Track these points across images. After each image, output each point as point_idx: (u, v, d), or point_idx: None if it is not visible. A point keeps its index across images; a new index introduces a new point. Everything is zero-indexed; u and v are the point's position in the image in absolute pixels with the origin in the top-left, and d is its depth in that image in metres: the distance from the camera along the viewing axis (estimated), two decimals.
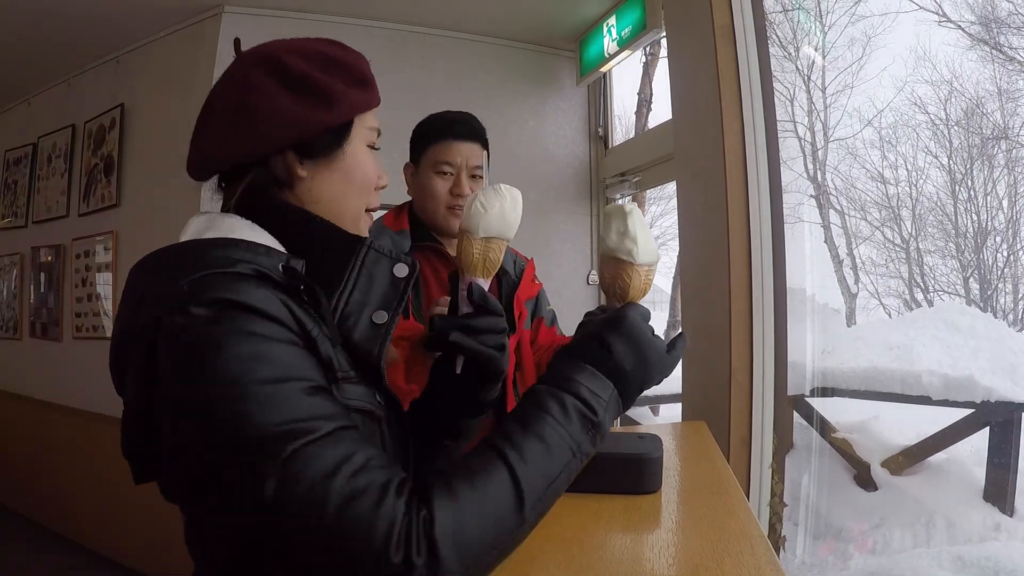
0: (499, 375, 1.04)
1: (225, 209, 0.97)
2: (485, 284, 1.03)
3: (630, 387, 0.91)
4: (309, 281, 0.87)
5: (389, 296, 0.95)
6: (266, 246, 0.89)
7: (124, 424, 0.87)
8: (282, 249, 0.92)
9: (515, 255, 2.03)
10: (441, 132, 1.85)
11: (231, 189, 0.98)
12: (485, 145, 1.88)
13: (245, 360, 0.74)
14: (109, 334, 3.56)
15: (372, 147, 1.04)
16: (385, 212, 1.91)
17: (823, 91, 6.75)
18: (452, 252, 1.80)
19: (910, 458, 3.91)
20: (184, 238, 0.92)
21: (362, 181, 1.02)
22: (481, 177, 1.85)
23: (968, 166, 6.03)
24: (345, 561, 0.68)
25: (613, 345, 0.91)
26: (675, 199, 3.21)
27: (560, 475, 0.81)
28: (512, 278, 1.96)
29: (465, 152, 1.84)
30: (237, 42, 1.01)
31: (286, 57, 0.96)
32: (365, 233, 1.04)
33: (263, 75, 0.95)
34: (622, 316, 0.94)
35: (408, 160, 1.93)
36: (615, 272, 1.04)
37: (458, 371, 1.02)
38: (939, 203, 6.25)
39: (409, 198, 1.94)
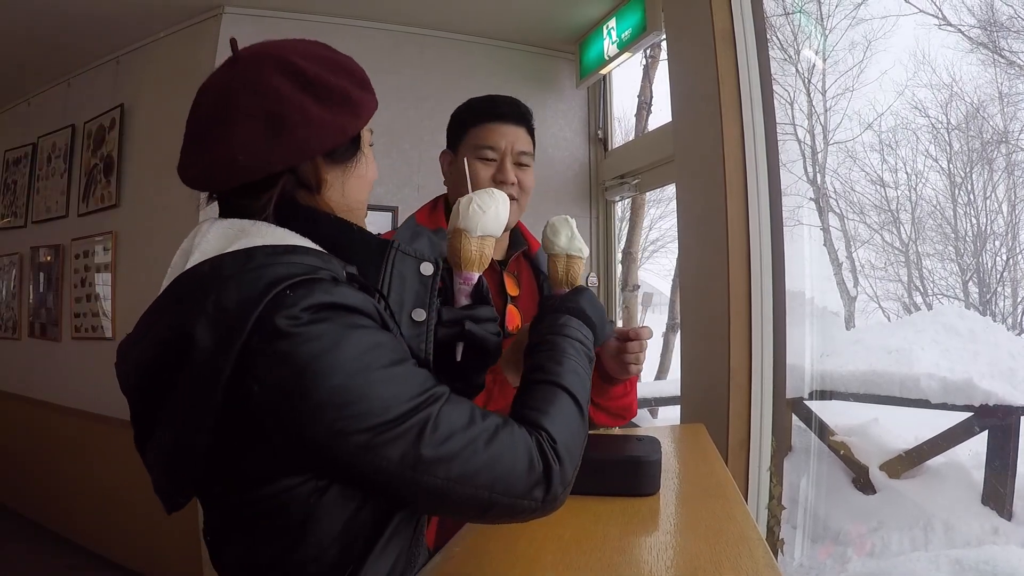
0: (496, 358, 1.12)
1: (259, 217, 0.95)
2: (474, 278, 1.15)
3: (601, 338, 1.16)
4: (371, 285, 0.95)
5: (421, 294, 1.00)
6: (327, 253, 0.93)
7: (161, 451, 0.88)
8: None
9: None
10: (482, 113, 1.69)
11: (254, 197, 0.96)
12: (531, 131, 1.75)
13: (364, 351, 0.83)
14: (108, 334, 3.53)
15: (370, 146, 1.08)
16: (419, 209, 1.76)
17: (823, 94, 6.75)
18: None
19: (908, 461, 3.91)
20: (205, 246, 0.91)
21: (371, 181, 1.07)
22: (528, 166, 1.72)
23: (968, 170, 6.04)
24: (503, 483, 0.86)
25: (586, 307, 1.15)
26: (675, 201, 3.21)
27: (588, 386, 1.05)
28: (545, 277, 1.86)
29: (510, 136, 1.68)
30: (234, 42, 1.00)
31: (300, 62, 0.96)
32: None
33: (277, 78, 0.94)
34: (585, 292, 1.20)
35: (445, 148, 1.77)
36: (567, 266, 1.33)
37: (459, 358, 1.08)
38: (939, 207, 6.26)
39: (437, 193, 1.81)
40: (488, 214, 1.13)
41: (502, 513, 0.87)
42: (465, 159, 1.50)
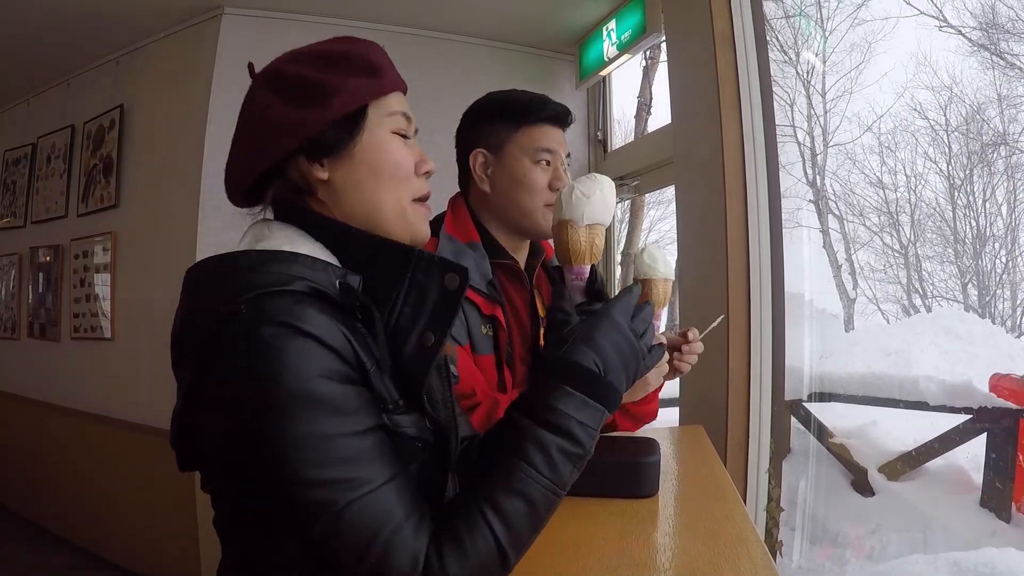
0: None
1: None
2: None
3: (618, 404, 0.91)
4: (366, 300, 0.87)
5: (440, 311, 0.89)
6: (324, 261, 0.88)
7: (174, 415, 0.88)
8: (337, 263, 0.90)
9: None
10: (538, 113, 1.56)
11: (258, 205, 0.98)
12: None
13: (298, 399, 0.76)
14: (107, 335, 3.55)
15: (401, 134, 0.99)
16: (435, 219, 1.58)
17: (823, 96, 6.75)
18: (521, 263, 1.62)
19: (907, 464, 3.91)
20: (242, 246, 0.92)
21: (392, 170, 0.97)
22: (567, 170, 1.61)
23: (967, 172, 6.04)
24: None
25: (608, 361, 0.89)
26: (674, 203, 3.21)
27: (545, 518, 0.85)
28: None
29: (562, 141, 1.60)
30: (251, 66, 0.99)
31: (282, 65, 0.95)
32: (422, 226, 1.01)
33: (260, 88, 0.95)
34: (612, 322, 0.92)
35: (477, 148, 1.60)
36: (665, 289, 1.26)
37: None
38: (938, 209, 6.26)
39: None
40: (593, 199, 1.05)
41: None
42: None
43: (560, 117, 1.59)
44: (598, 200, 1.06)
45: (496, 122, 1.58)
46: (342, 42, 0.98)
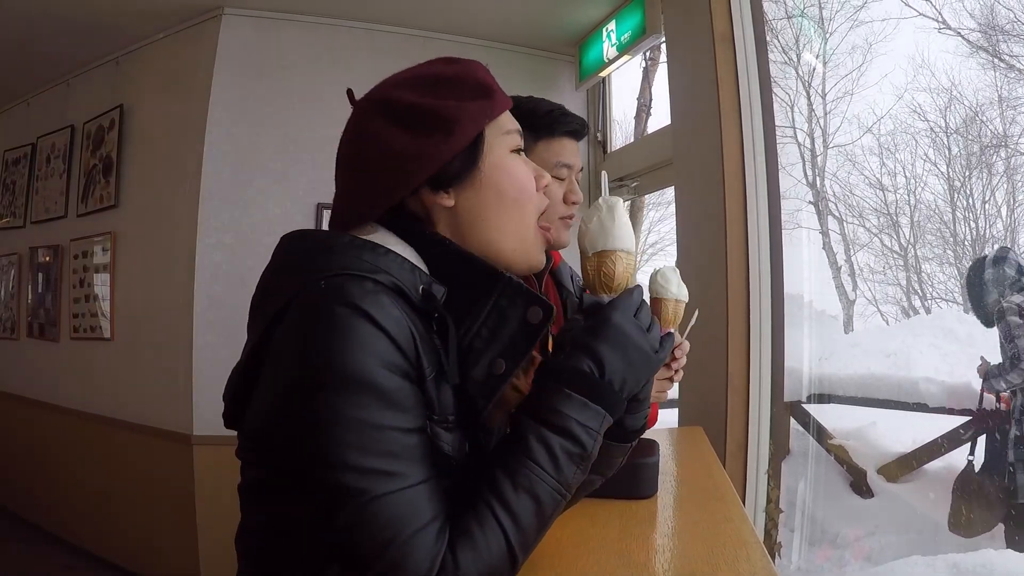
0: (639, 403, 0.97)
1: None
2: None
3: (620, 406, 0.88)
4: (444, 311, 0.85)
5: (517, 342, 0.88)
6: (412, 263, 0.87)
7: (234, 370, 0.89)
8: (426, 270, 0.89)
9: (571, 271, 1.75)
10: (556, 125, 1.53)
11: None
12: None
13: (356, 382, 0.76)
14: (107, 335, 3.56)
15: (517, 151, 0.97)
16: None
17: (823, 97, 6.76)
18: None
19: (906, 465, 3.91)
20: None
21: (517, 192, 0.95)
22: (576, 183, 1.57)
23: (967, 174, 6.04)
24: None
25: (605, 363, 0.86)
26: (674, 204, 3.21)
27: (551, 518, 0.84)
28: (575, 298, 1.68)
29: (577, 154, 1.56)
30: (350, 93, 0.97)
31: (391, 93, 0.92)
32: (540, 256, 0.99)
33: (374, 119, 0.91)
34: (609, 324, 0.88)
35: None
36: (675, 309, 1.28)
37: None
38: (937, 211, 6.26)
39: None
40: (625, 224, 0.99)
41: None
42: (604, 173, 1.21)
43: (579, 131, 1.57)
44: (624, 225, 0.99)
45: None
46: (449, 64, 0.96)
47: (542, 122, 1.52)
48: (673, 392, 2.88)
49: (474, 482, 0.82)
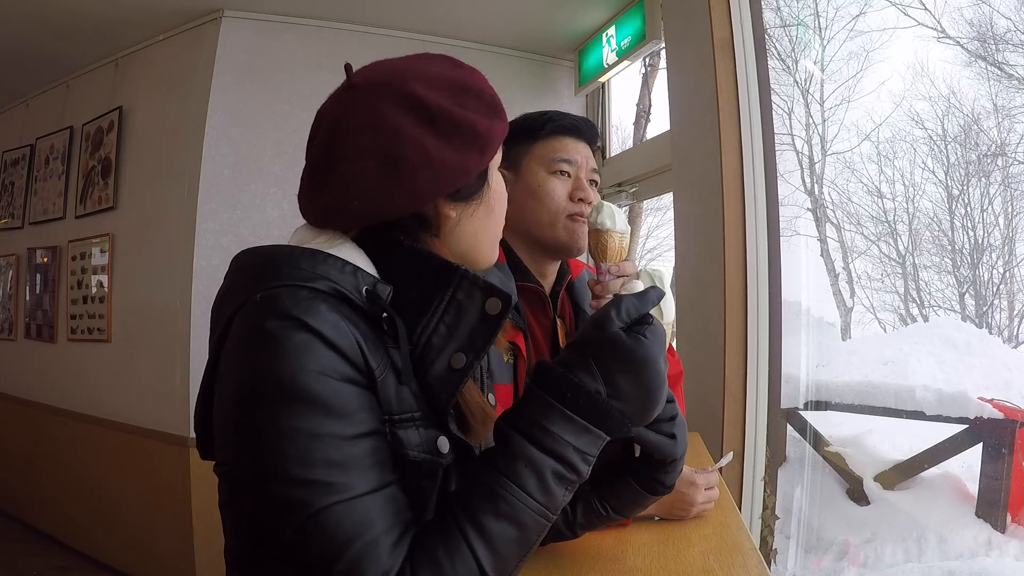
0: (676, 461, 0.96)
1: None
2: None
3: (625, 427, 0.81)
4: (390, 310, 0.83)
5: (476, 335, 0.85)
6: (355, 265, 0.85)
7: (197, 397, 0.89)
8: (373, 271, 0.87)
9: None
10: (551, 124, 1.53)
11: (374, 236, 0.91)
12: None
13: (293, 392, 0.74)
14: (104, 336, 3.55)
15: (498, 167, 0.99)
16: None
17: (821, 104, 6.76)
18: (547, 287, 1.56)
19: (903, 473, 3.91)
20: (292, 241, 0.91)
21: (502, 208, 0.99)
22: (597, 183, 1.56)
23: (965, 182, 6.05)
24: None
25: (619, 386, 0.80)
26: (672, 210, 3.21)
27: (536, 542, 0.80)
28: (585, 314, 1.59)
29: (584, 152, 1.54)
30: (348, 67, 0.92)
31: (417, 88, 0.88)
32: (495, 253, 1.01)
33: (394, 110, 0.87)
34: (621, 339, 0.81)
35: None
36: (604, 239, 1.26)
37: (636, 455, 0.99)
38: (935, 219, 6.26)
39: None
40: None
41: None
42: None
43: (577, 127, 1.54)
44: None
45: (512, 142, 1.48)
46: (470, 74, 0.94)
47: (534, 125, 1.53)
48: None
49: (450, 502, 0.79)
